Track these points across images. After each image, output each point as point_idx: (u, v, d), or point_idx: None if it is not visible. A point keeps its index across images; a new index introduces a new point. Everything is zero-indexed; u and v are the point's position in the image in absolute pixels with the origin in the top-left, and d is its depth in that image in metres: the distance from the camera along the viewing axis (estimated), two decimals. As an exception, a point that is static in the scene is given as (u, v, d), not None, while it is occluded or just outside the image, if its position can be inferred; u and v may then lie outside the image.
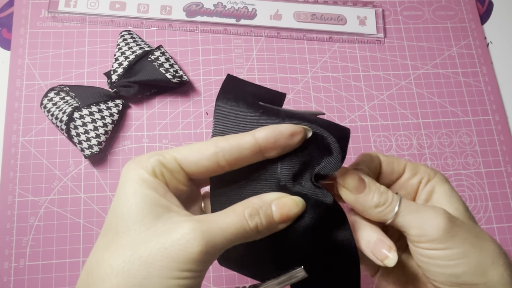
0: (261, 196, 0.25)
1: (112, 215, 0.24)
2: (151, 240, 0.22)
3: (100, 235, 0.24)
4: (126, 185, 0.23)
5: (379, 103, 0.51)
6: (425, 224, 0.25)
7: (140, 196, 0.23)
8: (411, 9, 0.56)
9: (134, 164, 0.24)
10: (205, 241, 0.22)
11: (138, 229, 0.22)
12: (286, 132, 0.24)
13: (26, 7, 0.51)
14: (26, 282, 0.42)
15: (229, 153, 0.24)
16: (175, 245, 0.22)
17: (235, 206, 0.24)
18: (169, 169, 0.24)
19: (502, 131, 0.51)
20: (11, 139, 0.46)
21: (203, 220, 0.23)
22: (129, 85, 0.46)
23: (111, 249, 0.22)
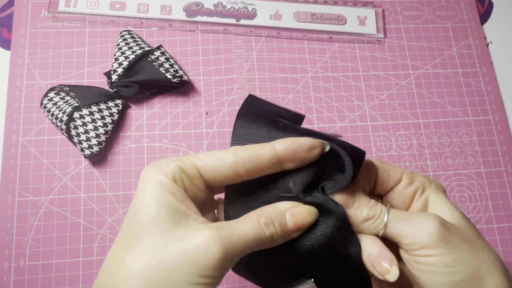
0: (275, 205, 0.25)
1: (131, 218, 0.24)
2: (171, 245, 0.22)
3: (118, 237, 0.24)
4: (145, 189, 0.24)
5: (379, 103, 0.51)
6: (416, 231, 0.25)
7: (160, 201, 0.23)
8: (411, 9, 0.56)
9: (153, 169, 0.24)
10: (224, 247, 0.22)
11: (159, 234, 0.23)
12: (306, 145, 0.25)
13: (26, 7, 0.51)
14: (26, 282, 0.42)
15: (248, 162, 0.24)
16: (195, 251, 0.22)
17: (251, 214, 0.25)
18: (189, 175, 0.24)
19: (502, 131, 0.51)
20: (11, 139, 0.46)
21: (222, 227, 0.23)
22: (129, 85, 0.46)
23: (131, 252, 0.23)
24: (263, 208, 0.25)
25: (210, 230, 0.23)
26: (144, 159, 0.46)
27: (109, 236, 0.44)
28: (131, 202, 0.25)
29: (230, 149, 0.25)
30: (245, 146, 0.25)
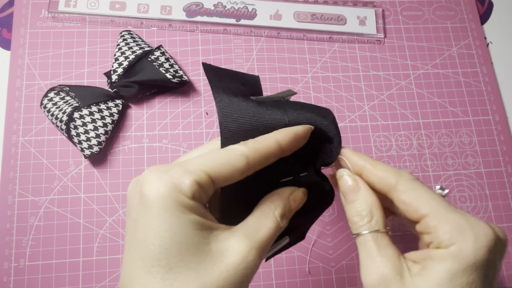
0: (279, 193, 0.26)
1: (156, 248, 0.22)
2: (213, 271, 0.22)
3: (144, 272, 0.22)
4: (165, 213, 0.22)
5: (379, 103, 0.51)
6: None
7: (189, 225, 0.22)
8: (411, 9, 0.56)
9: (166, 186, 0.22)
10: (260, 255, 0.23)
11: (195, 261, 0.22)
12: (303, 134, 0.26)
13: (26, 7, 0.51)
14: (26, 282, 0.42)
15: (258, 162, 0.24)
16: (241, 269, 0.22)
17: (264, 209, 0.25)
18: (204, 188, 0.23)
19: (502, 131, 0.51)
20: (11, 139, 0.46)
21: (250, 235, 0.24)
22: (129, 85, 0.46)
23: (173, 287, 0.22)
24: (270, 199, 0.26)
25: (243, 242, 0.23)
26: (144, 159, 0.46)
27: (109, 236, 0.44)
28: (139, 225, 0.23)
29: (238, 151, 0.24)
30: (250, 145, 0.24)
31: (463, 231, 0.24)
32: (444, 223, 0.24)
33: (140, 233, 0.22)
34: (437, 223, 0.24)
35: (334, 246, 0.45)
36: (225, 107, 0.26)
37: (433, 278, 0.23)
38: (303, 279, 0.44)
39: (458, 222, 0.24)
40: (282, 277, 0.44)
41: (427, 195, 0.25)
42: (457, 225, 0.24)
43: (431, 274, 0.23)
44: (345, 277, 0.44)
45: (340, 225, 0.46)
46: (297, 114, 0.27)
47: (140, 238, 0.22)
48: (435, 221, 0.24)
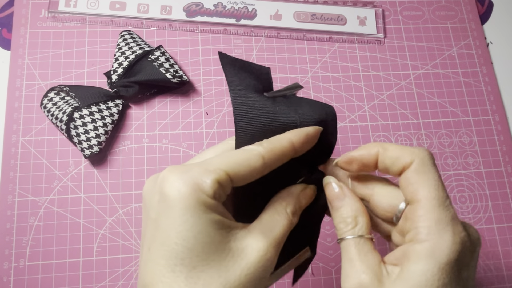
0: (289, 190, 0.27)
1: (179, 248, 0.22)
2: (235, 269, 0.23)
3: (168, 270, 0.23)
4: (188, 213, 0.22)
5: (379, 103, 0.51)
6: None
7: (211, 225, 0.23)
8: (411, 9, 0.56)
9: (188, 186, 0.23)
10: (277, 251, 0.25)
11: (217, 260, 0.23)
12: (314, 135, 0.27)
13: (26, 7, 0.51)
14: (26, 282, 0.42)
15: (274, 162, 0.25)
16: (261, 266, 0.23)
17: (276, 206, 0.26)
18: (224, 187, 0.24)
19: (502, 131, 0.51)
20: (11, 139, 0.46)
21: (266, 232, 0.25)
22: (129, 85, 0.46)
23: (197, 285, 0.22)
24: (281, 196, 0.27)
25: (261, 240, 0.24)
26: (144, 159, 0.46)
27: (109, 236, 0.44)
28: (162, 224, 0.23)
29: (254, 151, 0.25)
30: (266, 146, 0.25)
31: (441, 229, 0.23)
32: (429, 216, 0.24)
33: (162, 233, 0.23)
34: (423, 213, 0.24)
35: (334, 246, 0.45)
36: (240, 107, 0.26)
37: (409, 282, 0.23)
38: (303, 279, 0.44)
39: (440, 218, 0.24)
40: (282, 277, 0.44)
41: (431, 183, 0.25)
42: (438, 222, 0.23)
43: (408, 276, 0.23)
44: (345, 277, 0.44)
45: (340, 225, 0.46)
46: (307, 116, 0.28)
47: (162, 237, 0.23)
48: (422, 211, 0.24)
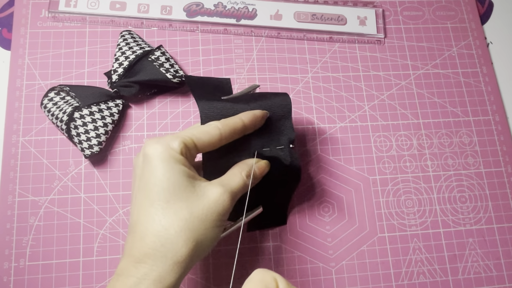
0: (246, 161, 0.36)
1: (156, 188, 0.30)
2: (199, 203, 0.31)
3: (148, 205, 0.31)
4: (162, 163, 0.31)
5: (379, 103, 0.51)
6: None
7: (178, 172, 0.31)
8: (411, 9, 0.56)
9: (162, 146, 0.31)
10: (231, 198, 0.32)
11: (186, 196, 0.31)
12: (260, 116, 0.36)
13: (26, 7, 0.51)
14: (26, 282, 0.42)
15: (228, 133, 0.34)
16: (218, 204, 0.31)
17: (234, 170, 0.35)
18: (190, 149, 0.32)
19: (502, 132, 0.51)
20: (11, 139, 0.46)
21: (224, 183, 0.33)
22: (130, 85, 0.46)
23: (170, 214, 0.30)
24: (239, 164, 0.36)
25: (219, 187, 0.32)
26: (144, 159, 0.46)
27: (109, 236, 0.44)
28: (144, 175, 0.31)
29: (213, 124, 0.34)
30: (221, 121, 0.34)
31: None
32: None
33: (145, 181, 0.31)
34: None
35: (334, 246, 0.45)
36: (205, 109, 0.36)
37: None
38: (303, 279, 0.44)
39: None
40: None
41: None
42: None
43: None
44: (345, 277, 0.44)
45: (340, 225, 0.46)
46: (257, 104, 0.37)
47: (145, 184, 0.31)
48: None
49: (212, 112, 0.36)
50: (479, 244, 0.47)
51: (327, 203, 0.47)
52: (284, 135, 0.38)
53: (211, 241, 0.32)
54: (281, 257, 0.44)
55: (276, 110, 0.38)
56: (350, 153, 0.49)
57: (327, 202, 0.47)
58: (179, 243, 0.29)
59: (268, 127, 0.38)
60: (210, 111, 0.36)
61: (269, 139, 0.38)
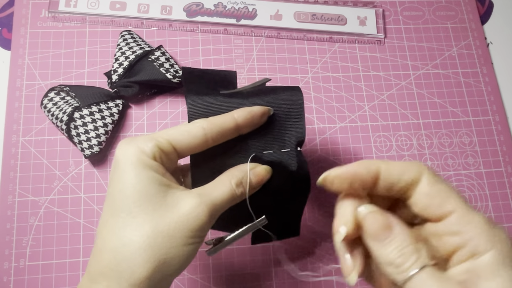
0: (239, 167, 0.30)
1: (119, 196, 0.27)
2: (166, 216, 0.26)
3: (109, 215, 0.27)
4: (129, 168, 0.27)
5: (379, 103, 0.51)
6: None
7: (147, 178, 0.27)
8: (411, 9, 0.56)
9: (133, 148, 0.27)
10: (210, 211, 0.27)
11: (151, 208, 0.26)
12: (259, 112, 0.30)
13: (26, 7, 0.51)
14: (26, 282, 0.42)
15: (215, 133, 0.29)
16: (189, 218, 0.26)
17: (221, 178, 0.30)
18: (166, 152, 0.28)
19: (502, 132, 0.51)
20: (11, 139, 0.46)
21: (203, 194, 0.28)
22: (130, 85, 0.46)
23: (131, 228, 0.26)
24: (230, 170, 0.30)
25: (195, 197, 0.27)
26: (144, 159, 0.46)
27: (109, 236, 0.44)
28: (112, 181, 0.28)
29: (196, 123, 0.29)
30: (208, 119, 0.29)
31: (495, 231, 0.22)
32: (474, 224, 0.22)
33: (111, 188, 0.27)
34: (470, 220, 0.22)
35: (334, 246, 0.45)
36: (194, 105, 0.30)
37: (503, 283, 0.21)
38: (303, 279, 0.44)
39: (484, 223, 0.22)
40: (282, 277, 0.44)
41: (451, 191, 0.23)
42: (485, 227, 0.22)
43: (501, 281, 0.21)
44: (345, 277, 0.44)
45: (340, 225, 0.46)
46: (260, 99, 0.32)
47: (110, 191, 0.27)
48: (465, 220, 0.22)
49: (202, 109, 0.30)
50: (479, 244, 0.47)
51: (327, 203, 0.47)
52: (291, 136, 0.32)
53: (180, 260, 0.26)
54: (281, 257, 0.44)
55: (283, 106, 0.32)
56: (350, 153, 0.49)
57: (327, 202, 0.47)
58: (137, 263, 0.25)
59: (272, 125, 0.32)
60: (200, 107, 0.30)
61: (273, 139, 0.32)
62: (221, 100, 0.31)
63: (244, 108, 0.30)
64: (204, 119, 0.29)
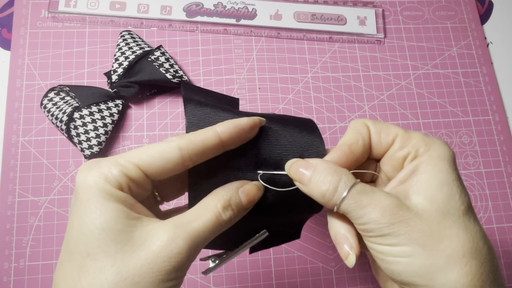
0: (227, 186, 0.26)
1: (76, 234, 0.22)
2: (131, 258, 0.21)
3: (65, 258, 0.22)
4: (90, 200, 0.22)
5: (379, 103, 0.51)
6: (366, 214, 0.24)
7: (110, 212, 0.22)
8: (411, 9, 0.56)
9: (94, 176, 0.22)
10: (189, 245, 0.22)
11: (113, 248, 0.21)
12: (247, 126, 0.25)
13: (26, 7, 0.51)
14: (26, 282, 0.42)
15: (194, 152, 0.24)
16: (161, 257, 0.21)
17: (206, 202, 0.25)
18: (134, 179, 0.23)
19: (502, 131, 0.51)
20: (11, 139, 0.46)
21: (181, 224, 0.23)
22: (129, 85, 0.46)
23: (88, 275, 0.21)
24: (216, 191, 0.25)
25: (169, 230, 0.22)
26: (144, 159, 0.46)
27: (109, 236, 0.44)
28: (71, 215, 0.23)
29: (170, 142, 0.24)
30: (186, 136, 0.24)
31: (431, 139, 0.26)
32: (415, 135, 0.27)
33: (69, 224, 0.23)
34: (410, 135, 0.27)
35: (334, 246, 0.45)
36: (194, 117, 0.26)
37: (432, 182, 0.25)
38: (303, 279, 0.44)
39: (422, 135, 0.27)
40: (282, 277, 0.44)
41: (388, 124, 0.28)
42: (424, 136, 0.27)
43: (429, 178, 0.25)
44: (345, 277, 0.44)
45: (340, 225, 0.46)
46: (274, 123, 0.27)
47: (68, 227, 0.23)
48: (407, 135, 0.27)
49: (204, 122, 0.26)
50: (479, 244, 0.47)
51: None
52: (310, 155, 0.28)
53: None
54: (281, 257, 0.44)
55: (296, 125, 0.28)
56: (350, 153, 0.49)
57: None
58: None
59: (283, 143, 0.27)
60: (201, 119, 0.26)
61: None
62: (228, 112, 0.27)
63: (229, 121, 0.25)
64: (180, 136, 0.24)
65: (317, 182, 0.25)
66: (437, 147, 0.26)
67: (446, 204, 0.24)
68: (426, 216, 0.23)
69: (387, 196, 0.24)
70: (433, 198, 0.24)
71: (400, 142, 0.27)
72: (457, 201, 0.24)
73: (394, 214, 0.23)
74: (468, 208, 0.24)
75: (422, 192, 0.24)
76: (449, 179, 0.24)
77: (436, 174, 0.25)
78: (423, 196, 0.24)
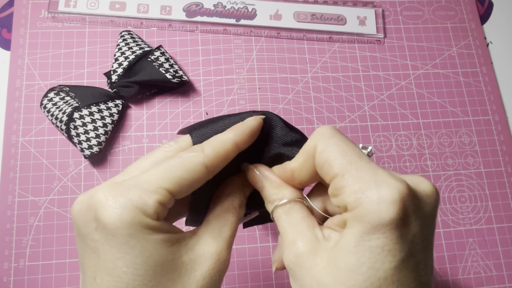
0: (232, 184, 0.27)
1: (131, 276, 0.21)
2: (190, 283, 0.22)
3: None
4: (135, 241, 0.21)
5: (379, 103, 0.51)
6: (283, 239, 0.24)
7: (158, 246, 0.21)
8: (411, 9, 0.56)
9: (130, 214, 0.21)
10: (228, 252, 0.24)
11: (171, 278, 0.22)
12: (256, 125, 0.25)
13: (26, 7, 0.51)
14: (26, 282, 0.42)
15: (218, 166, 0.24)
16: (212, 274, 0.23)
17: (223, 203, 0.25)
18: (166, 205, 0.22)
19: (502, 131, 0.51)
20: (11, 139, 0.46)
21: (217, 235, 0.24)
22: (129, 85, 0.46)
23: None
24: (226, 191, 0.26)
25: (211, 243, 0.24)
26: (144, 159, 0.46)
27: (109, 236, 0.44)
28: (112, 256, 0.21)
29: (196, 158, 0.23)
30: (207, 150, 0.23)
31: (367, 191, 0.20)
32: (352, 183, 0.21)
33: (108, 263, 0.21)
34: (345, 183, 0.21)
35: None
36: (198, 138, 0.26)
37: (343, 247, 0.21)
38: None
39: (365, 181, 0.21)
40: (282, 277, 0.44)
41: (343, 152, 0.22)
42: (364, 185, 0.21)
43: (342, 242, 0.21)
44: (345, 277, 0.44)
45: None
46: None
47: (108, 268, 0.21)
48: (343, 182, 0.21)
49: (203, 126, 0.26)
50: (479, 244, 0.47)
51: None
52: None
53: None
54: (281, 257, 0.44)
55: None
56: (350, 153, 0.49)
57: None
58: None
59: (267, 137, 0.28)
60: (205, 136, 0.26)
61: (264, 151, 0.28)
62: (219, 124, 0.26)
63: (242, 127, 0.25)
64: (202, 150, 0.23)
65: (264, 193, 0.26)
66: (367, 205, 0.20)
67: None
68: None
69: (301, 241, 0.23)
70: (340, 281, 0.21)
71: (334, 189, 0.22)
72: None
73: (298, 258, 0.22)
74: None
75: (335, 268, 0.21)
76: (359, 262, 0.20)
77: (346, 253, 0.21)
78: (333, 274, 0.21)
